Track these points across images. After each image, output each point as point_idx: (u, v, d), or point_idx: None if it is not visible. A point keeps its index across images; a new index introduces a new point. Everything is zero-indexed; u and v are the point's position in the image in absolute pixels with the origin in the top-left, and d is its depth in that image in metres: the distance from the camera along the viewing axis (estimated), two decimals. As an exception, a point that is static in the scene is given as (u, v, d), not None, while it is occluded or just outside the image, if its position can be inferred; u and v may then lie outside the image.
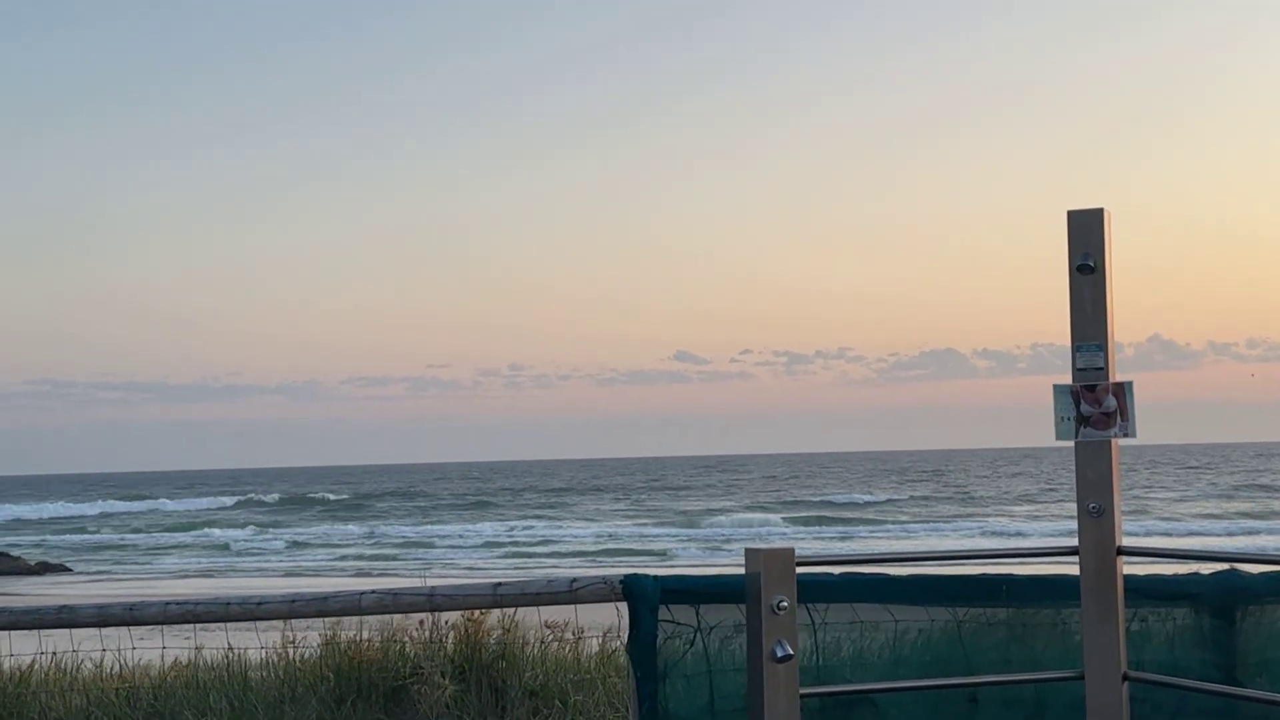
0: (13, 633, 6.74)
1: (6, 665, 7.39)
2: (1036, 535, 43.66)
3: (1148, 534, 40.29)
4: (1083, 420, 4.42)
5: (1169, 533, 42.70)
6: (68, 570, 40.04)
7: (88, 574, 39.20)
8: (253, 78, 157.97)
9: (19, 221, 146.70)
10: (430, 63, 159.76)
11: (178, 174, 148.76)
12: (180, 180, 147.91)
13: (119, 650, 7.40)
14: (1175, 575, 5.09)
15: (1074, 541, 4.49)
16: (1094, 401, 4.40)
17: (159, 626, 6.71)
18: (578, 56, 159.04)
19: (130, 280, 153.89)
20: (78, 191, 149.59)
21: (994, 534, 45.25)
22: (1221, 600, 4.93)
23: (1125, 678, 4.44)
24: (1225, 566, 4.99)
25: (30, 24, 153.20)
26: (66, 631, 7.01)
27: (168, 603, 6.47)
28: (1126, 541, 4.48)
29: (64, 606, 6.74)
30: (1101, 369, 4.40)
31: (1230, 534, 43.03)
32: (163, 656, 7.42)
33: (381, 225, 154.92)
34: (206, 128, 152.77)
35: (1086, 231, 4.44)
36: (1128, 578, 4.57)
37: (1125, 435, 4.39)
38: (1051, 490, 67.32)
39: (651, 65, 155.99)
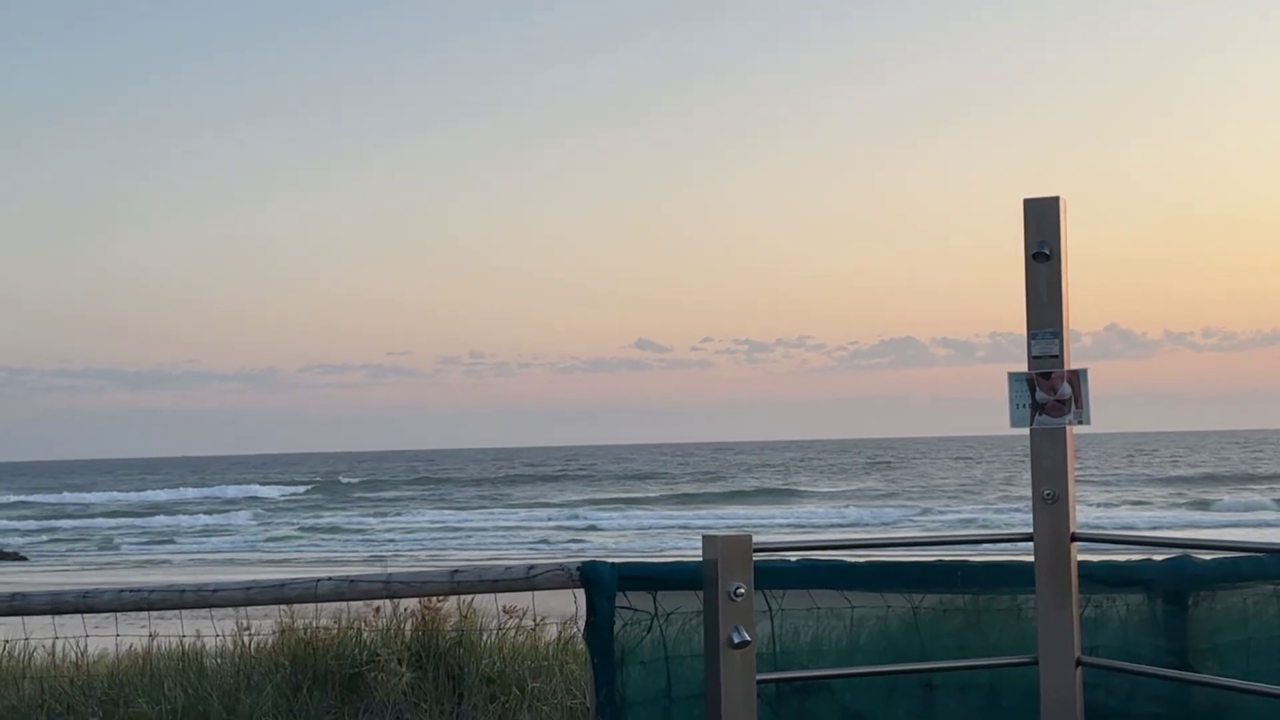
0: (-36, 621, 6.68)
1: (-42, 654, 7.32)
2: (992, 522, 43.91)
3: (1102, 521, 40.62)
4: (1038, 407, 4.44)
5: (1122, 519, 43.08)
6: (22, 559, 39.68)
7: (44, 563, 38.86)
8: (237, 71, 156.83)
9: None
10: (417, 53, 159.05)
11: (157, 163, 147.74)
12: (158, 171, 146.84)
13: (73, 638, 7.34)
14: (1128, 561, 5.14)
15: (1029, 528, 4.52)
16: (1049, 389, 4.43)
17: (113, 614, 6.66)
18: (553, 51, 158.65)
19: (82, 268, 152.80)
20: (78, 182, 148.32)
21: (950, 521, 45.52)
22: (1173, 586, 4.98)
23: (1079, 663, 4.47)
24: (1177, 553, 5.04)
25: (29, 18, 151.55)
26: (19, 620, 6.95)
27: (121, 590, 6.42)
28: (1080, 528, 4.51)
29: (16, 594, 6.68)
30: (1057, 356, 4.43)
31: (1184, 523, 43.43)
32: (117, 644, 7.36)
33: (343, 215, 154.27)
34: (174, 118, 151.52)
35: (1042, 219, 4.46)
36: (1081, 564, 4.61)
37: (1080, 422, 4.42)
38: (1010, 477, 67.74)
39: (618, 61, 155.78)
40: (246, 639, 7.21)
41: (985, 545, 5.20)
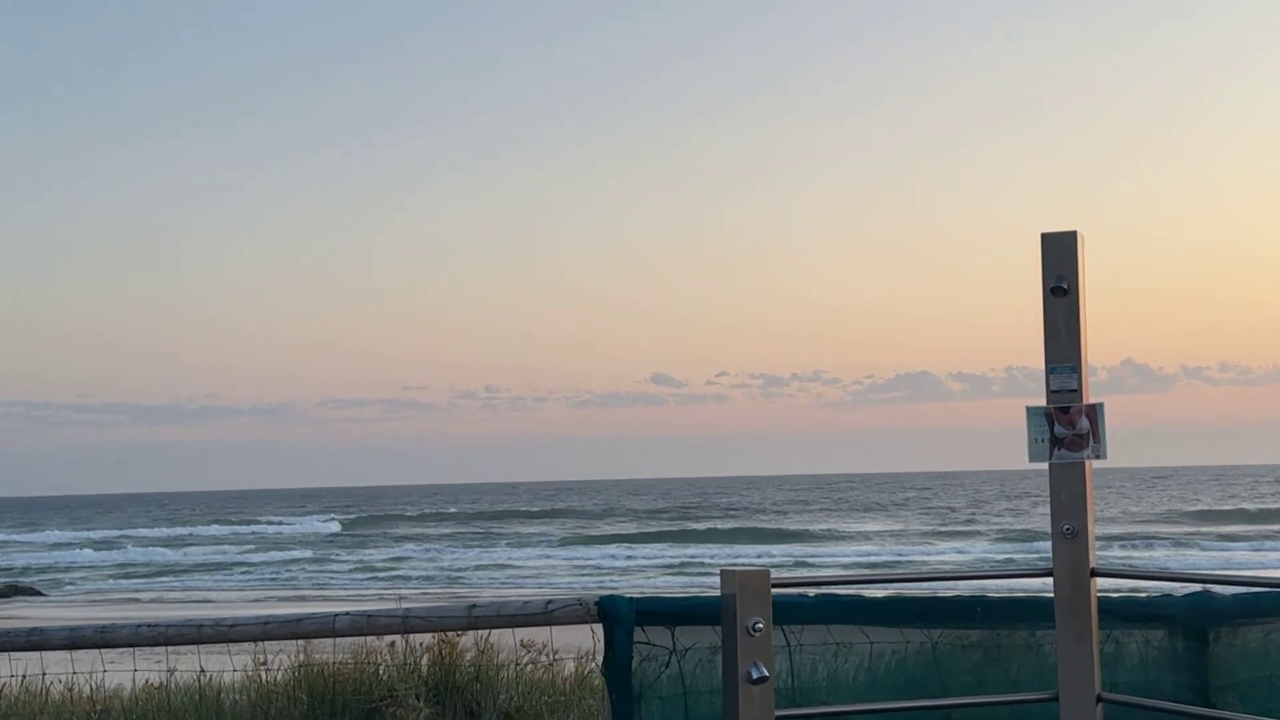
0: (-18, 656, 6.68)
1: (-24, 688, 7.32)
2: (1011, 558, 43.68)
3: (1121, 556, 40.38)
4: (1056, 442, 4.43)
5: (1141, 554, 42.82)
6: (39, 594, 39.72)
7: (61, 597, 38.89)
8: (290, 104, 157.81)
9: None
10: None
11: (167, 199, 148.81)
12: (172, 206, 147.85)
13: (90, 673, 7.34)
14: (1149, 596, 5.11)
15: (1048, 563, 4.51)
16: (1067, 423, 4.42)
17: (131, 649, 6.65)
18: (564, 88, 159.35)
19: (102, 303, 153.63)
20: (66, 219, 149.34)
21: (968, 555, 45.30)
22: (1194, 621, 4.95)
23: (1099, 699, 4.45)
24: (1198, 587, 5.02)
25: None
26: (37, 654, 6.95)
27: (139, 625, 6.42)
28: (1099, 563, 4.49)
29: (34, 629, 6.68)
30: (1075, 390, 4.42)
31: (1203, 562, 43.17)
32: (134, 679, 7.36)
33: (353, 251, 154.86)
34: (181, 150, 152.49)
35: (1060, 254, 4.46)
36: (1102, 599, 4.58)
37: (1097, 457, 4.41)
38: (1025, 512, 67.45)
39: (633, 96, 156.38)
40: (264, 674, 7.21)
41: (1004, 579, 5.17)
